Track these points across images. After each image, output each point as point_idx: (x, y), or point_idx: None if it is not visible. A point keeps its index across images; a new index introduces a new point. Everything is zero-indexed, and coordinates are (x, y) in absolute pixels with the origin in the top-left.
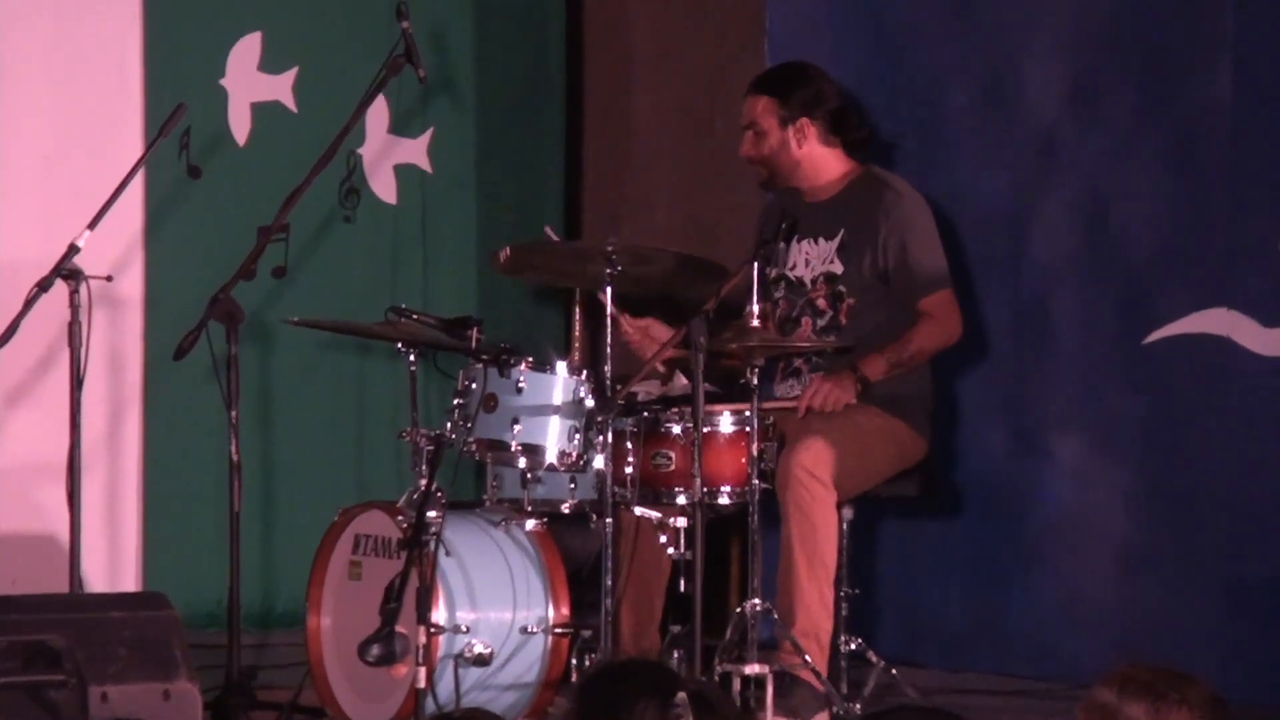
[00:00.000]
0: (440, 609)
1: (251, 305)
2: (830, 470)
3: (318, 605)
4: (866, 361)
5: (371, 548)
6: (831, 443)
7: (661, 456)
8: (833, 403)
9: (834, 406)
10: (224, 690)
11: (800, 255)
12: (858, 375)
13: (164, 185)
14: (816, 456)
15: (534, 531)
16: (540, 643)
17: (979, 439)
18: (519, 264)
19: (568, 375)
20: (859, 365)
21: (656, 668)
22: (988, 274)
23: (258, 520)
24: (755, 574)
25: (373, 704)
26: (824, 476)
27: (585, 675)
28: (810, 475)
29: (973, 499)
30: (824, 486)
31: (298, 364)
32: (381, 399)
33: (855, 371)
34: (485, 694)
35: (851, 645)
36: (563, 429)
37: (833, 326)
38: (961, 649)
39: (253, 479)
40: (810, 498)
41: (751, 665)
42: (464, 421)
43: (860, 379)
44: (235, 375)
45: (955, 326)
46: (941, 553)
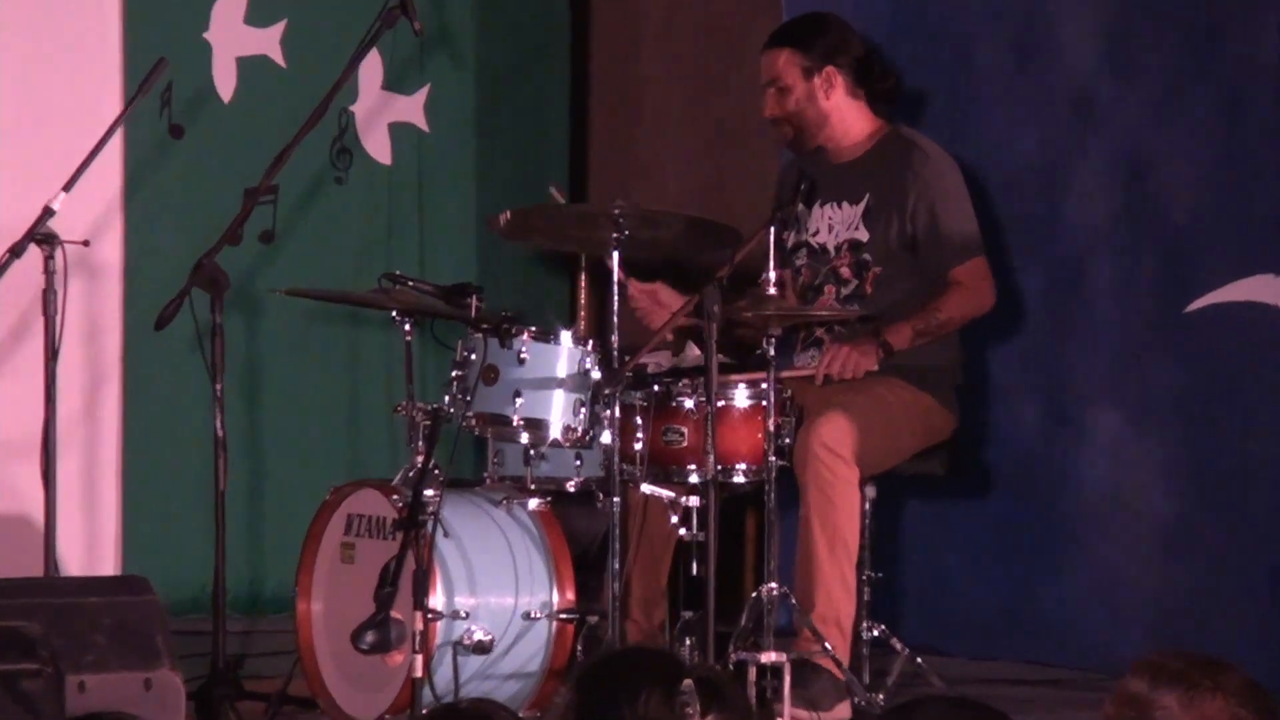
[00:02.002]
0: (438, 593)
1: (237, 272)
2: (852, 446)
3: (308, 590)
4: (892, 329)
5: (365, 529)
6: (853, 417)
7: (672, 432)
8: (853, 369)
9: (854, 373)
10: (208, 680)
11: (823, 220)
12: (881, 341)
13: (144, 145)
14: (837, 431)
15: (537, 511)
16: (544, 629)
17: (1010, 414)
18: (521, 228)
19: (573, 345)
20: (883, 332)
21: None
22: (1020, 239)
23: (244, 499)
24: (772, 556)
25: (366, 694)
26: (845, 452)
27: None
28: (830, 451)
29: (1003, 477)
30: (845, 463)
31: (286, 334)
32: (375, 371)
33: (878, 337)
34: (486, 683)
35: (874, 632)
36: (567, 403)
37: (857, 296)
38: (991, 636)
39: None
40: (831, 475)
41: (767, 653)
42: (463, 395)
43: (883, 345)
44: (220, 346)
45: (988, 296)
46: (970, 534)
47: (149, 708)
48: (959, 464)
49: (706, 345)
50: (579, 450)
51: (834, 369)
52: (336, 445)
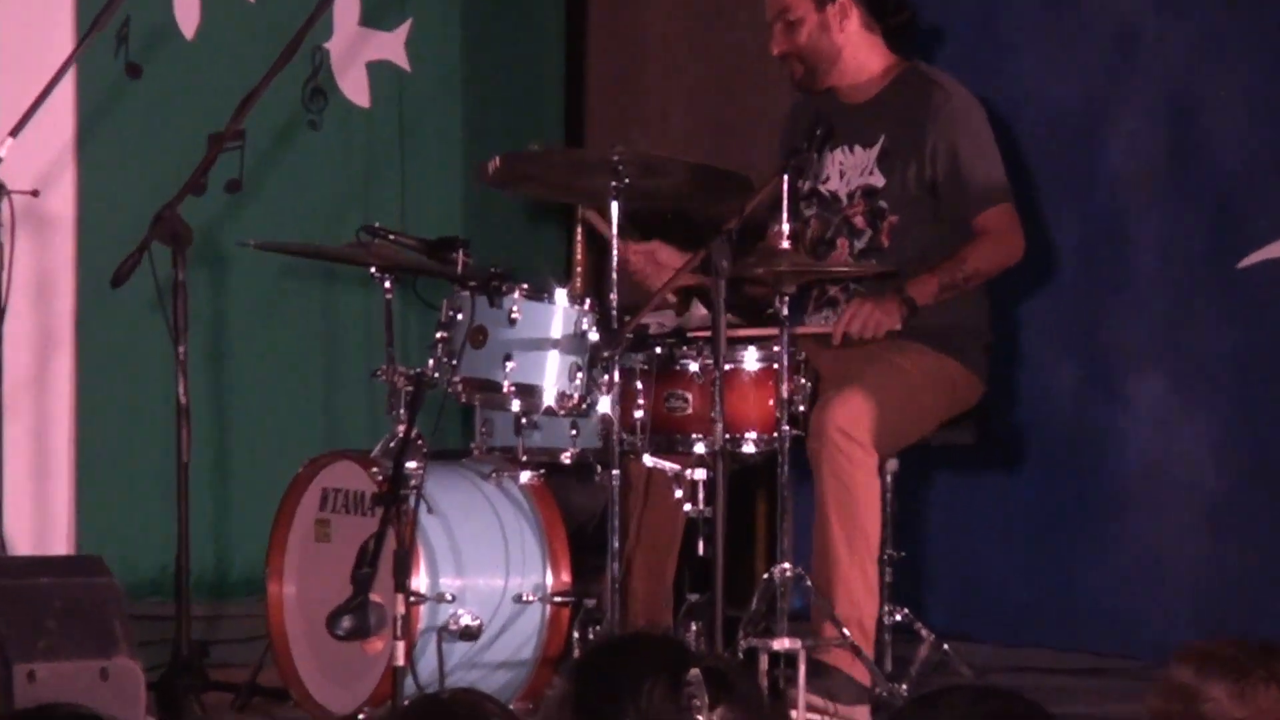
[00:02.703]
0: (421, 574)
1: (201, 224)
2: (870, 429)
3: (279, 571)
4: (914, 282)
5: (341, 504)
6: (870, 395)
7: (676, 398)
8: (873, 328)
9: (875, 333)
10: (171, 668)
11: (834, 166)
12: (903, 298)
13: (98, 86)
14: (853, 413)
15: (529, 485)
16: (537, 613)
17: (1044, 379)
18: (511, 176)
19: (568, 304)
20: (906, 287)
21: (665, 641)
22: (1055, 190)
23: (209, 472)
24: (785, 534)
25: (343, 685)
26: (862, 437)
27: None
28: (846, 437)
29: (1037, 448)
30: (862, 449)
31: (255, 292)
32: (353, 332)
33: (901, 294)
34: (474, 672)
35: (897, 617)
36: (562, 367)
37: (873, 248)
38: (1024, 621)
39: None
40: (848, 463)
41: (780, 639)
42: (448, 358)
43: (906, 301)
44: (183, 305)
45: (1016, 245)
46: (1001, 510)
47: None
48: (988, 433)
49: (714, 304)
50: (575, 419)
51: (854, 328)
52: (310, 413)
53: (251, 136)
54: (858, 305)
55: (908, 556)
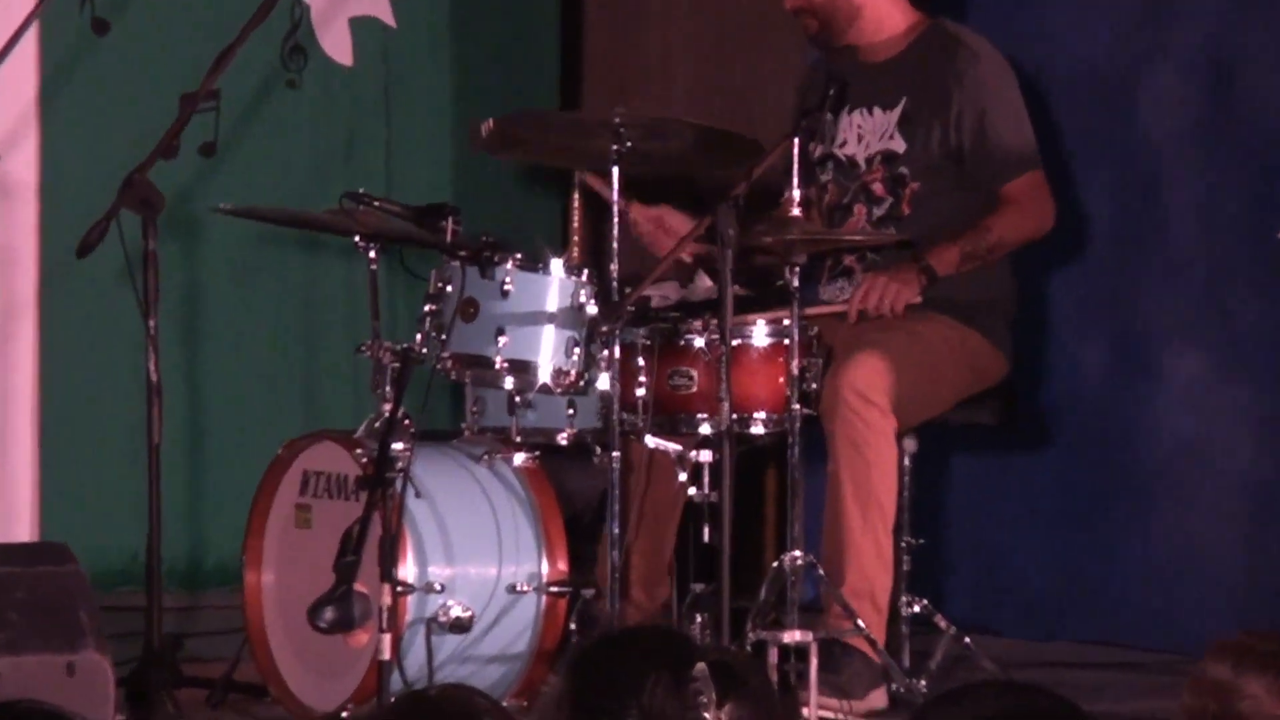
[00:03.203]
0: (408, 563)
1: (173, 190)
2: (888, 392)
3: (257, 559)
4: (935, 252)
5: (323, 488)
6: (889, 357)
7: (680, 375)
8: (891, 302)
9: (893, 308)
10: (142, 663)
11: (852, 130)
12: (922, 266)
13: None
14: (871, 375)
15: (524, 468)
16: (532, 604)
17: (1073, 354)
18: (505, 140)
19: (565, 275)
20: (925, 256)
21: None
22: (1086, 153)
23: (182, 454)
24: (796, 519)
25: (325, 680)
26: (880, 399)
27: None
28: (863, 398)
29: (1065, 428)
30: (880, 412)
31: (231, 262)
32: (335, 305)
33: (919, 262)
34: (465, 667)
35: (915, 608)
36: (559, 342)
37: (892, 216)
38: (1051, 613)
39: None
40: (864, 426)
41: (791, 632)
42: (437, 333)
43: (925, 271)
44: (154, 276)
45: (1046, 215)
46: (1026, 494)
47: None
48: (1013, 412)
49: (720, 275)
50: (572, 397)
51: (870, 303)
52: (290, 391)
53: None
54: (872, 279)
55: (926, 544)
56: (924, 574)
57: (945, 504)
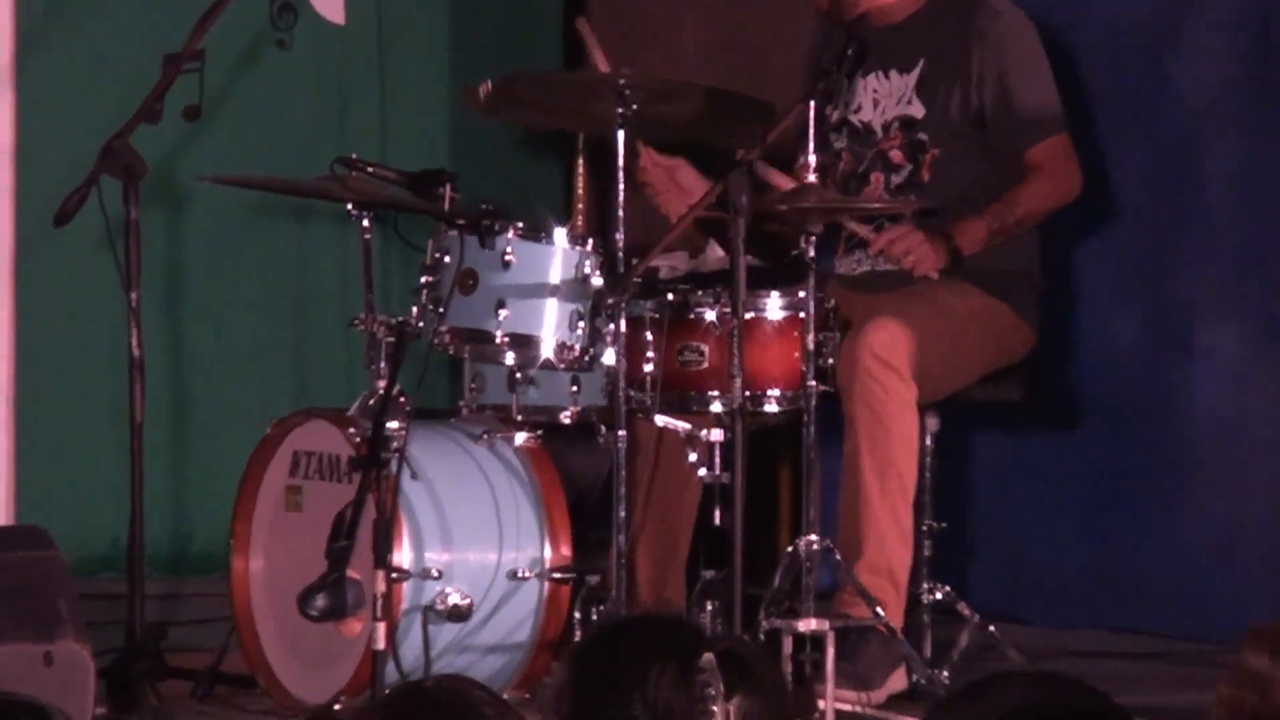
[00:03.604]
0: (404, 548)
1: (156, 155)
2: (908, 357)
3: (245, 544)
4: (961, 229)
5: (315, 469)
6: (910, 324)
7: (691, 350)
8: (915, 257)
9: (915, 263)
10: (124, 653)
11: (867, 94)
12: (950, 246)
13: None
14: (891, 339)
15: (525, 448)
16: (534, 591)
17: (1104, 327)
18: (505, 102)
19: (569, 245)
20: (954, 235)
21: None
22: (1117, 113)
23: (166, 434)
24: (812, 502)
25: (317, 671)
26: (900, 365)
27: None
28: (882, 364)
29: (1095, 405)
30: (900, 378)
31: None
32: (327, 277)
33: (949, 241)
34: (463, 657)
35: (937, 595)
36: (562, 315)
37: (912, 184)
38: (1081, 600)
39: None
40: (883, 392)
41: (806, 620)
42: (434, 306)
43: (952, 251)
44: (136, 246)
45: (1073, 181)
46: (1054, 475)
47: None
48: (1041, 388)
49: (732, 244)
50: (576, 373)
51: (897, 249)
52: (279, 368)
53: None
54: (909, 227)
55: (949, 527)
56: (946, 559)
57: (969, 485)
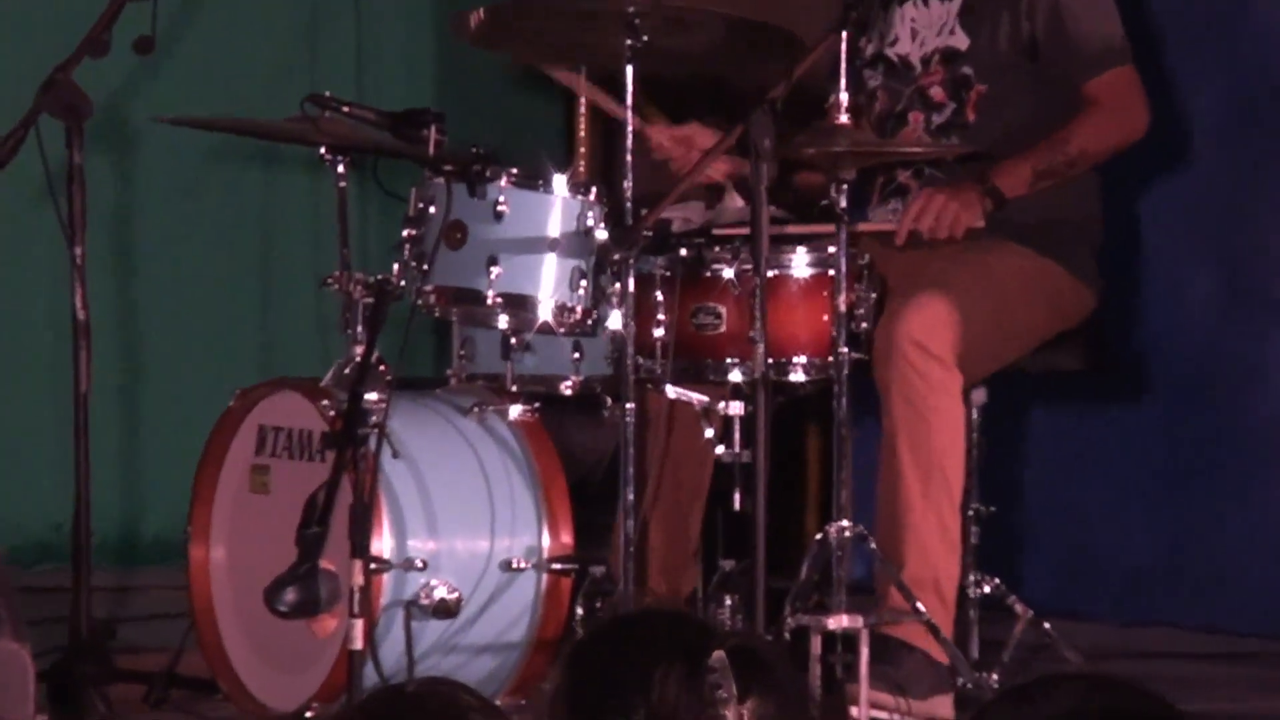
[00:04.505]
0: (384, 535)
1: (104, 93)
2: (952, 342)
3: (205, 530)
4: (1002, 169)
5: (283, 446)
6: (954, 300)
7: (706, 313)
8: (950, 225)
9: (952, 231)
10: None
11: (905, 25)
12: (987, 188)
13: None
14: (932, 322)
15: (521, 423)
16: (531, 584)
17: (1175, 288)
18: (497, 33)
19: (569, 194)
20: (990, 175)
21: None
22: (1190, 46)
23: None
24: (843, 484)
25: (286, 674)
26: (943, 351)
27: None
28: (922, 350)
29: (1164, 374)
30: (942, 366)
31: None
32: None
33: (984, 184)
34: (452, 658)
35: (985, 588)
36: (562, 273)
37: (955, 125)
38: (1146, 594)
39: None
40: (923, 384)
41: (838, 616)
42: (418, 262)
43: (990, 193)
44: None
45: (1137, 119)
46: (1118, 454)
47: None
48: (1101, 356)
49: (754, 193)
50: (578, 339)
51: (924, 224)
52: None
53: None
54: (928, 196)
55: (999, 513)
56: (996, 548)
57: (1021, 465)
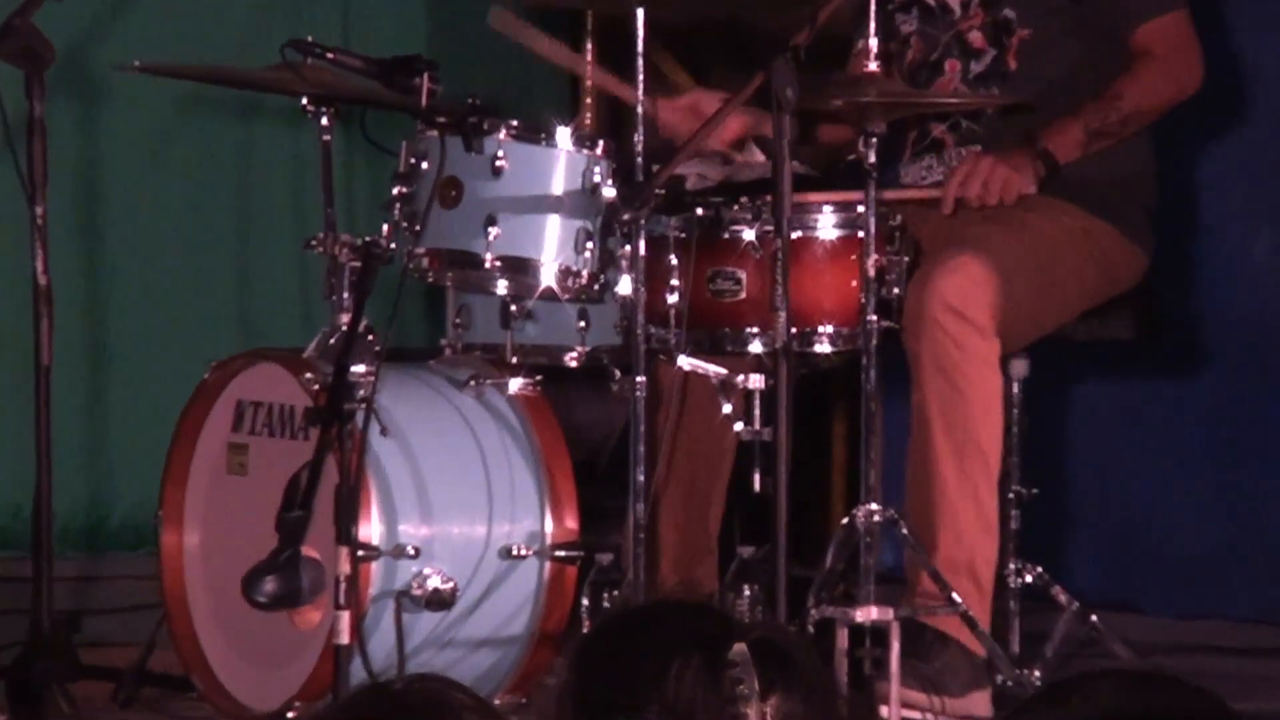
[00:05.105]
0: (373, 520)
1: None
2: (990, 307)
3: (178, 515)
4: (1054, 132)
5: (263, 423)
6: (992, 261)
7: (724, 278)
8: (998, 191)
9: (1004, 198)
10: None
11: None
12: (1039, 151)
13: None
14: (968, 284)
15: (522, 397)
16: (532, 573)
17: (1234, 250)
18: None
19: (574, 148)
20: (1042, 138)
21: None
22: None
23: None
24: (872, 464)
25: (266, 670)
26: (980, 316)
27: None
28: (958, 316)
29: (1223, 347)
30: (979, 333)
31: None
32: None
33: (1035, 146)
34: (446, 654)
35: (1027, 577)
36: (566, 234)
37: (995, 74)
38: (1201, 584)
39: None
40: (957, 351)
41: (866, 608)
42: (409, 223)
43: (1042, 156)
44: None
45: (1191, 70)
46: (1172, 430)
47: None
48: (1154, 324)
49: (775, 148)
50: (584, 306)
51: (971, 191)
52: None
53: None
54: (975, 160)
55: (1042, 494)
56: (1039, 534)
57: (1066, 444)
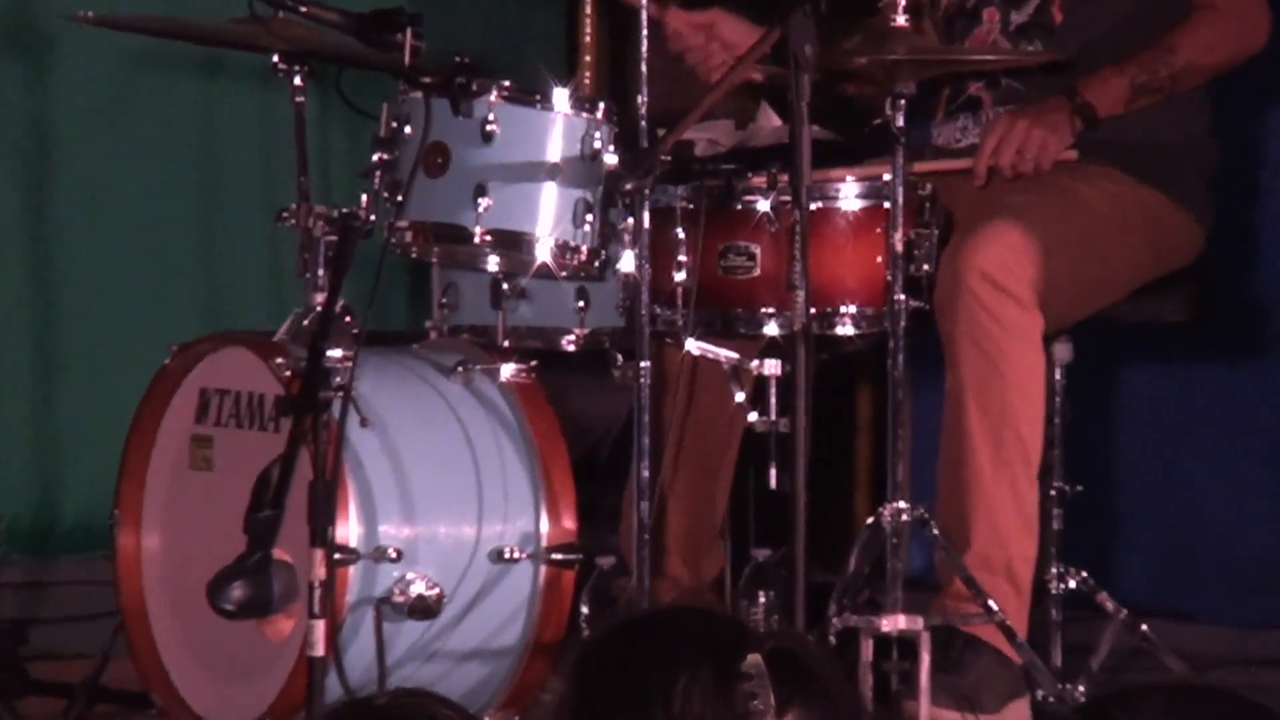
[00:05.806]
0: (351, 520)
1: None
2: (1031, 278)
3: (135, 515)
4: (1095, 83)
5: (230, 413)
6: (1033, 230)
7: (737, 253)
8: (1036, 155)
9: (1040, 163)
10: None
11: None
12: (1077, 104)
13: None
14: (1006, 253)
15: (514, 384)
16: (526, 577)
17: None
18: None
19: (572, 111)
20: (1081, 89)
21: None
22: None
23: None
24: (900, 457)
25: (232, 684)
26: (1019, 288)
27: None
28: (995, 287)
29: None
30: (1019, 306)
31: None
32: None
33: (1073, 99)
34: (431, 666)
35: (1070, 583)
36: (563, 205)
37: (1038, 25)
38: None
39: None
40: (995, 326)
41: (893, 617)
42: (390, 193)
43: (1081, 110)
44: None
45: (1257, 26)
46: (1230, 421)
47: None
48: (1212, 305)
49: (793, 110)
50: (583, 284)
51: (1004, 158)
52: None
53: None
54: (1008, 122)
55: (1086, 493)
56: (1084, 535)
57: (1114, 436)
